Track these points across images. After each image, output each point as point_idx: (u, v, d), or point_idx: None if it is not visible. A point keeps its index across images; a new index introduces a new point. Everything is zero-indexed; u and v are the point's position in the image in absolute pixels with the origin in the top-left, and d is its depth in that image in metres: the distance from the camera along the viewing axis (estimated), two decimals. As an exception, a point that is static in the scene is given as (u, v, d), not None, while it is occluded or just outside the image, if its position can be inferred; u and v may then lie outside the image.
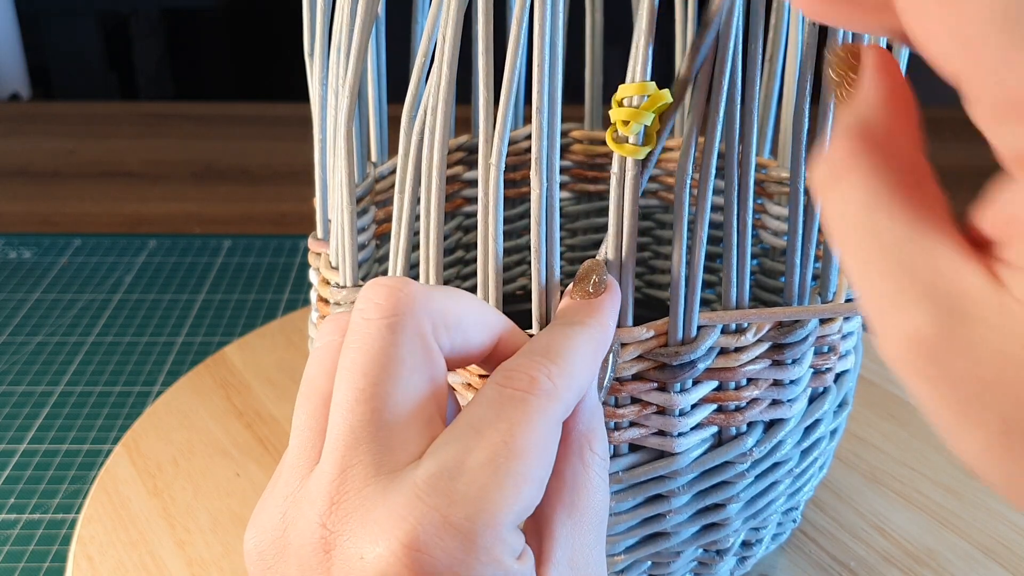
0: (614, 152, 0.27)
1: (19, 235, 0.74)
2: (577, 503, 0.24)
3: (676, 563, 0.34)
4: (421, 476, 0.22)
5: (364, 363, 0.23)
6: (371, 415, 0.23)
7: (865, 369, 0.54)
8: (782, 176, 0.41)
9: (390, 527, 0.21)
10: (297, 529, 0.23)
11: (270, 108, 1.04)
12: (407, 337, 0.23)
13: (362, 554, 0.21)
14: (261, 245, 0.73)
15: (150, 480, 0.45)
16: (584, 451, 0.25)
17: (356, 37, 0.31)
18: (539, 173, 0.27)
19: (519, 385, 0.23)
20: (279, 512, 0.23)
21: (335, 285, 0.34)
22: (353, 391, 0.23)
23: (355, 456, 0.22)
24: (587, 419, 0.26)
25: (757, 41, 0.27)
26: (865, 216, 0.16)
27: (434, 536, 0.21)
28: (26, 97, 1.09)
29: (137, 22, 1.44)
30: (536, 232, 0.27)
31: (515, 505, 0.22)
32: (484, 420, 0.23)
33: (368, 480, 0.22)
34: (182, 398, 0.51)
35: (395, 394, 0.23)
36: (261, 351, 0.55)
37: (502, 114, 0.27)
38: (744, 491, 0.33)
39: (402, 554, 0.20)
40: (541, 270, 0.28)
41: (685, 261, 0.28)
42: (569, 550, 0.24)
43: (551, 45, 0.25)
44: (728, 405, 0.31)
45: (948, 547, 0.41)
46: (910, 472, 0.46)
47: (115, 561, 0.40)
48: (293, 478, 0.24)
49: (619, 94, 0.27)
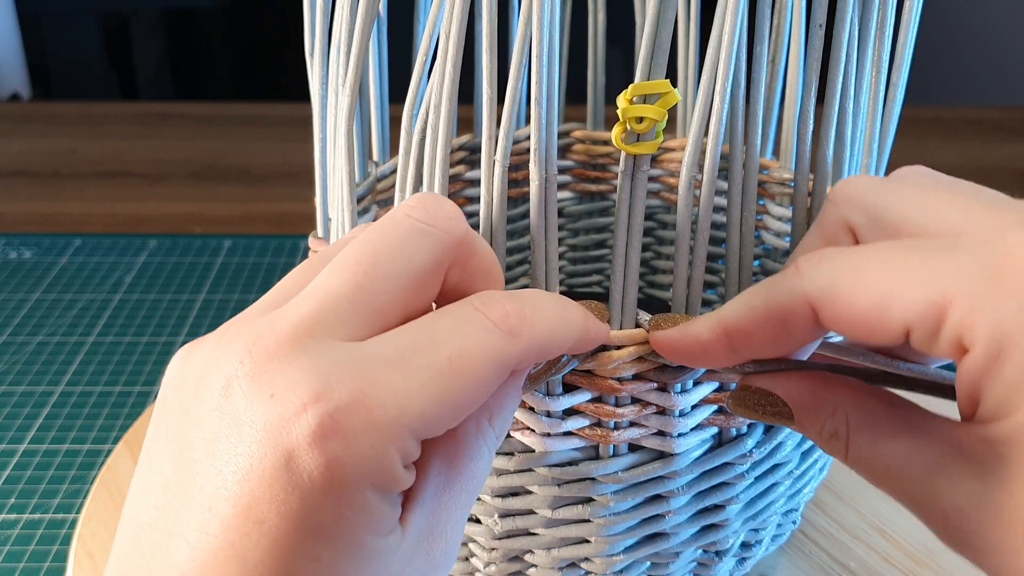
0: (623, 151, 0.27)
1: (19, 235, 0.74)
2: (457, 461, 0.24)
3: (675, 564, 0.34)
4: (362, 351, 0.22)
5: (377, 242, 0.23)
6: (356, 289, 0.23)
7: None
8: (784, 177, 0.41)
9: (312, 380, 0.21)
10: (227, 349, 0.22)
11: (270, 108, 1.04)
12: (428, 244, 0.24)
13: (272, 392, 0.21)
14: (261, 245, 0.73)
15: (150, 478, 0.45)
16: (483, 420, 0.25)
17: (357, 36, 0.31)
18: (538, 164, 0.27)
19: (490, 314, 0.23)
20: (218, 334, 0.23)
21: (336, 284, 0.34)
22: (354, 259, 0.23)
23: (320, 312, 0.22)
24: (502, 394, 0.26)
25: (763, 43, 0.27)
26: None
27: (345, 409, 0.21)
28: (26, 97, 1.09)
29: (137, 22, 1.44)
30: (536, 224, 0.27)
31: (430, 420, 0.22)
32: (442, 330, 0.23)
33: (319, 336, 0.22)
34: (182, 396, 0.51)
35: (388, 283, 0.23)
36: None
37: (507, 111, 0.27)
38: (744, 492, 0.33)
39: (310, 409, 0.20)
40: (540, 263, 0.28)
41: (687, 262, 0.28)
42: (435, 500, 0.24)
43: (549, 38, 0.25)
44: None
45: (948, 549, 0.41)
46: (911, 474, 0.46)
47: (115, 558, 0.40)
48: (249, 313, 0.24)
49: (631, 92, 0.27)
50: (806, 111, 0.29)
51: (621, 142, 0.27)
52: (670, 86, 0.26)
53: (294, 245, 0.73)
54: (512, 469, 0.31)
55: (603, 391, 0.30)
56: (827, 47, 0.28)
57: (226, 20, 1.62)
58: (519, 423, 0.31)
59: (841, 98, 0.29)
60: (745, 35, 0.27)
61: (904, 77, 0.34)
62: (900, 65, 0.34)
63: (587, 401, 0.30)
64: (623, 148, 0.27)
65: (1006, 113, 1.06)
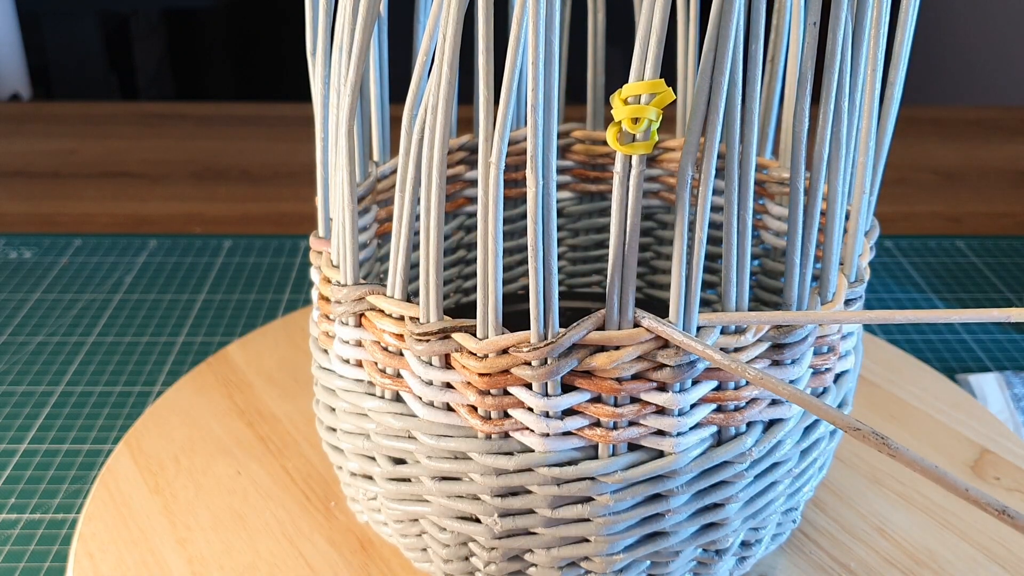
0: (617, 151, 0.27)
1: (19, 235, 0.74)
2: None
3: (675, 563, 0.34)
4: None
5: None
6: None
7: (867, 370, 0.54)
8: (783, 176, 0.41)
9: None
10: None
11: (270, 108, 1.04)
12: None
13: None
14: (261, 245, 0.73)
15: (151, 478, 0.45)
16: None
17: (358, 36, 0.31)
18: (535, 171, 0.27)
19: None
20: None
21: (336, 283, 0.34)
22: None
23: None
24: None
25: (758, 41, 0.27)
26: None
27: None
28: (26, 97, 1.09)
29: (137, 22, 1.44)
30: (532, 231, 0.27)
31: None
32: None
33: None
34: (184, 396, 0.51)
35: None
36: (263, 350, 0.55)
37: (502, 113, 0.27)
38: (743, 491, 0.33)
39: None
40: (539, 268, 0.28)
41: (685, 261, 0.28)
42: None
43: (547, 42, 0.25)
44: (727, 405, 0.31)
45: (949, 549, 0.41)
46: (911, 474, 0.46)
47: (116, 558, 0.40)
48: None
49: (625, 92, 0.27)
50: (800, 110, 0.29)
51: (616, 142, 0.27)
52: (664, 85, 0.26)
53: (294, 245, 0.73)
54: (511, 469, 0.32)
55: (602, 391, 0.30)
56: (822, 45, 0.28)
57: (226, 20, 1.62)
58: (518, 423, 0.31)
59: (837, 96, 0.29)
60: (742, 34, 0.27)
61: (902, 75, 0.34)
62: (898, 63, 0.34)
63: (586, 401, 0.30)
64: (618, 148, 0.27)
65: (1006, 113, 1.06)
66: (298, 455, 0.47)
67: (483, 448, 0.32)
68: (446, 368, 0.31)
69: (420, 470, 0.34)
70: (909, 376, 0.53)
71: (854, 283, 0.34)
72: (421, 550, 0.37)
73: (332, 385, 0.36)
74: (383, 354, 0.33)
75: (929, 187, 0.85)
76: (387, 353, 0.33)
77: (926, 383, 0.53)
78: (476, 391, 0.31)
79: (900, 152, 0.87)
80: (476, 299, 0.30)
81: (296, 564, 0.40)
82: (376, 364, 0.34)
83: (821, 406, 0.27)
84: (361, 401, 0.35)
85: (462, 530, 0.34)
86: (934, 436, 0.49)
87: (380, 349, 0.33)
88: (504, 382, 0.30)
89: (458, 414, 0.32)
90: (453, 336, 0.31)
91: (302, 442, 0.48)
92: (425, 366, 0.32)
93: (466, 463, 0.32)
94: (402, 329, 0.32)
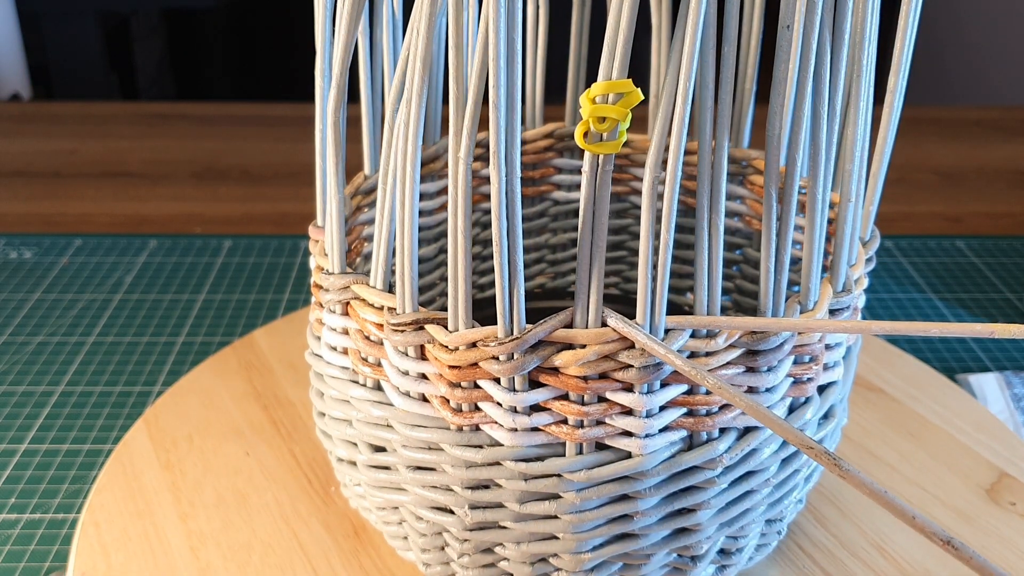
0: (586, 150, 0.27)
1: (19, 235, 0.74)
2: None
3: (647, 566, 0.34)
4: None
5: None
6: None
7: (890, 385, 0.53)
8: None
9: None
10: None
11: (270, 108, 1.04)
12: None
13: None
14: (261, 245, 0.73)
15: (164, 454, 0.47)
16: None
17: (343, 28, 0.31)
18: (497, 167, 0.27)
19: None
20: None
21: (325, 272, 0.35)
22: None
23: None
24: None
25: (730, 44, 0.27)
26: None
27: None
28: (26, 97, 1.10)
29: (137, 22, 1.47)
30: (496, 226, 0.28)
31: None
32: None
33: None
34: (206, 378, 0.53)
35: None
36: (288, 335, 0.57)
37: (470, 111, 0.27)
38: (716, 498, 0.33)
39: None
40: (503, 263, 0.28)
41: (651, 263, 0.28)
42: None
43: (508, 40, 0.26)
44: (699, 409, 0.31)
45: (949, 571, 0.40)
46: (921, 493, 0.45)
47: (120, 529, 0.42)
48: None
49: (593, 91, 0.27)
50: (772, 113, 0.28)
51: (584, 141, 0.27)
52: (632, 86, 0.26)
53: (294, 245, 0.73)
54: (480, 462, 0.32)
55: (569, 389, 0.30)
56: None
57: (226, 20, 1.63)
58: (487, 417, 0.31)
59: (814, 101, 0.28)
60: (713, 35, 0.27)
61: (903, 84, 0.33)
62: (898, 71, 0.33)
63: (553, 398, 0.30)
64: (586, 147, 0.27)
65: (1006, 113, 1.04)
66: (307, 440, 0.48)
67: (454, 440, 0.32)
68: (421, 359, 0.32)
69: (397, 459, 0.34)
70: (933, 393, 0.52)
71: (840, 292, 0.33)
72: (403, 538, 0.38)
73: (322, 371, 0.37)
74: (365, 343, 0.34)
75: (929, 187, 0.83)
76: (368, 342, 0.33)
77: (949, 401, 0.51)
78: (447, 383, 0.31)
79: (900, 152, 0.85)
80: (493, 293, 0.30)
81: (290, 545, 0.41)
82: (359, 352, 0.34)
83: (773, 418, 0.27)
84: (346, 388, 0.35)
85: (437, 520, 0.34)
86: (951, 456, 0.47)
87: (363, 338, 0.34)
88: (473, 375, 0.31)
89: (432, 405, 0.32)
90: (426, 328, 0.31)
91: (312, 428, 0.49)
92: (402, 356, 0.32)
93: (439, 454, 0.33)
94: (382, 319, 0.32)
